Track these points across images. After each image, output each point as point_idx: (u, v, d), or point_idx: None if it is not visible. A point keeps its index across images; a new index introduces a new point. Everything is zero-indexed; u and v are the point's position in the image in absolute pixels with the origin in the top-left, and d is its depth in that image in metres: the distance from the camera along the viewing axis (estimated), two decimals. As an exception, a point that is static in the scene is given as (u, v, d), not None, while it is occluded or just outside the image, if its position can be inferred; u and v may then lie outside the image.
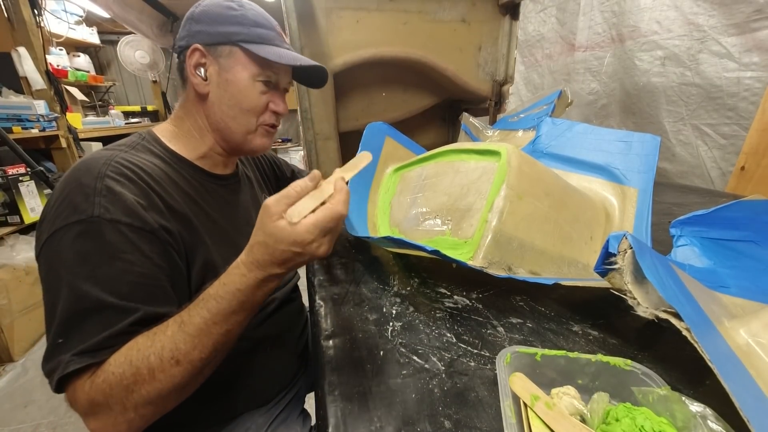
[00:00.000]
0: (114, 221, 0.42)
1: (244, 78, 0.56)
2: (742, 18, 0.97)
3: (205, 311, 0.40)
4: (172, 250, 0.48)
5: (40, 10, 2.11)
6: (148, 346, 0.39)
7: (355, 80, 1.64)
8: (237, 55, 0.56)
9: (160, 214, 0.47)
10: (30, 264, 1.78)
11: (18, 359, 1.70)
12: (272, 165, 0.87)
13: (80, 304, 0.40)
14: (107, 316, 0.40)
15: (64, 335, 0.40)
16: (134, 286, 0.42)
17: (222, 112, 0.57)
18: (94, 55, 3.91)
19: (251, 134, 0.60)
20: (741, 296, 0.49)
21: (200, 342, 0.40)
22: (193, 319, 0.40)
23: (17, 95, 2.03)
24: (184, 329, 0.40)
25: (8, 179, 1.77)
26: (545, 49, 1.65)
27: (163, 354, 0.39)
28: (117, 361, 0.39)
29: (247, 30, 0.55)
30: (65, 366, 0.38)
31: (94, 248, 0.41)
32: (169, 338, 0.40)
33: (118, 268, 0.41)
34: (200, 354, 0.40)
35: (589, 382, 0.36)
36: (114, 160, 0.47)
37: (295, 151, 4.76)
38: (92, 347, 0.39)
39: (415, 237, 0.66)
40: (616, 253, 0.43)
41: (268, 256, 0.39)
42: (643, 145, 0.71)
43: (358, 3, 1.50)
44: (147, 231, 0.44)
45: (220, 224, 0.58)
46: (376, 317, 0.51)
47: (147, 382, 0.38)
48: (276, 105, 0.60)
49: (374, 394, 0.38)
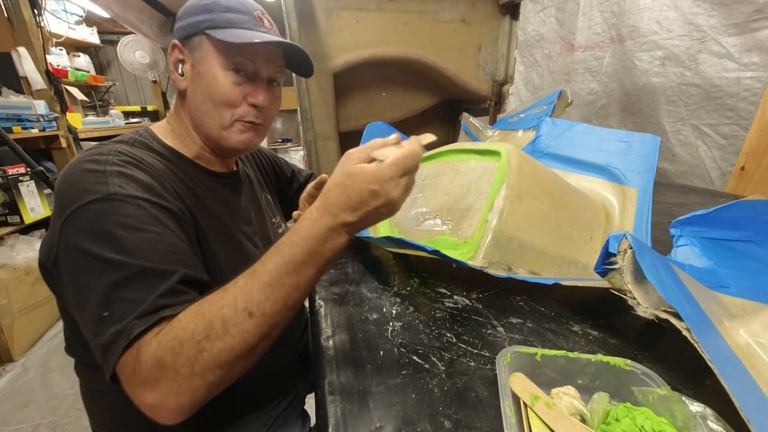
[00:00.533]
0: (132, 196, 0.41)
1: (214, 68, 0.52)
2: (741, 18, 0.97)
3: (278, 257, 0.39)
4: (191, 230, 0.47)
5: (40, 10, 2.11)
6: (220, 298, 0.37)
7: (355, 80, 1.63)
8: (205, 45, 0.52)
9: (172, 197, 0.47)
10: (30, 264, 1.78)
11: (18, 359, 1.70)
12: (272, 164, 0.86)
13: (117, 273, 0.38)
14: (148, 279, 0.39)
15: (108, 307, 0.37)
16: (166, 253, 0.41)
17: (197, 107, 0.54)
18: (94, 55, 3.91)
19: (226, 130, 0.55)
20: (741, 296, 0.49)
21: (273, 293, 0.38)
22: (266, 266, 0.39)
23: (17, 95, 2.03)
24: (257, 277, 0.38)
25: (8, 179, 1.77)
26: (545, 49, 1.65)
27: (237, 304, 0.37)
28: (187, 316, 0.37)
29: (215, 16, 0.51)
30: (128, 331, 0.35)
31: (118, 222, 0.39)
32: (242, 288, 0.38)
33: (146, 238, 0.40)
34: (272, 306, 0.38)
35: (589, 382, 0.36)
36: (117, 150, 0.46)
37: (295, 151, 4.77)
38: (149, 309, 0.37)
39: (415, 237, 0.66)
40: (616, 253, 0.43)
41: (345, 197, 0.38)
42: (643, 145, 0.71)
43: (358, 3, 1.50)
44: (164, 207, 0.44)
45: (222, 221, 0.57)
46: (376, 317, 0.51)
47: (219, 337, 0.36)
48: (253, 97, 0.54)
49: (374, 394, 0.38)
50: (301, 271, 0.39)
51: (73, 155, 2.32)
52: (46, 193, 1.97)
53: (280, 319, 0.39)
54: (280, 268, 0.38)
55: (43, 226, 1.98)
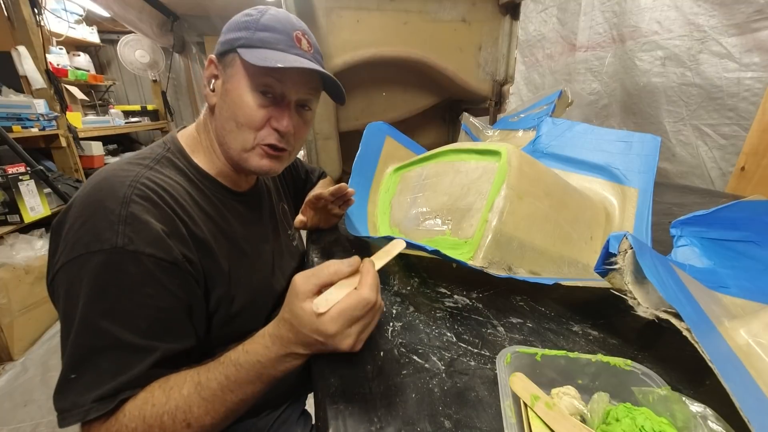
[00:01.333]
0: (136, 252, 0.41)
1: (241, 87, 0.50)
2: (742, 18, 0.97)
3: (223, 377, 0.39)
4: (193, 281, 0.47)
5: (40, 9, 2.11)
6: (162, 404, 0.39)
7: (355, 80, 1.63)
8: (236, 63, 0.50)
9: (183, 243, 0.46)
10: (30, 263, 1.78)
11: (18, 358, 1.70)
12: (289, 167, 0.86)
13: (96, 340, 0.39)
14: (124, 355, 0.40)
15: (78, 371, 0.39)
16: (153, 321, 0.42)
17: (221, 125, 0.53)
18: (94, 55, 3.91)
19: (246, 152, 0.53)
20: (741, 296, 0.49)
21: (213, 408, 0.39)
22: (210, 383, 0.40)
23: (17, 94, 2.02)
24: (200, 392, 0.39)
25: (8, 178, 1.77)
26: (546, 49, 1.65)
27: (176, 415, 0.38)
28: (131, 414, 0.39)
29: (250, 34, 0.50)
30: (86, 413, 0.38)
31: (115, 281, 0.40)
32: (185, 399, 0.39)
33: (138, 303, 0.41)
34: (212, 420, 0.39)
35: (589, 382, 0.36)
36: (140, 182, 0.45)
37: (295, 150, 4.76)
38: (111, 392, 0.38)
39: (416, 237, 0.66)
40: (616, 253, 0.43)
41: (293, 335, 0.37)
42: (643, 146, 0.70)
43: (359, 3, 1.50)
44: (169, 262, 0.43)
45: (239, 245, 0.56)
46: (376, 317, 0.51)
47: None
48: (277, 121, 0.52)
49: (374, 394, 0.38)
50: (247, 388, 0.40)
51: (72, 154, 2.32)
52: (46, 192, 1.97)
53: (221, 426, 0.41)
54: (224, 387, 0.39)
55: (43, 225, 1.98)
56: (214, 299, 0.50)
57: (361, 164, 0.83)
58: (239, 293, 0.53)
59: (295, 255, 0.74)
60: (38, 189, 1.91)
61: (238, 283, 0.54)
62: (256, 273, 0.59)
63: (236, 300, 0.53)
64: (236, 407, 0.40)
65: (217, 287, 0.50)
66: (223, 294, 0.51)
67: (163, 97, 4.10)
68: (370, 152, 0.86)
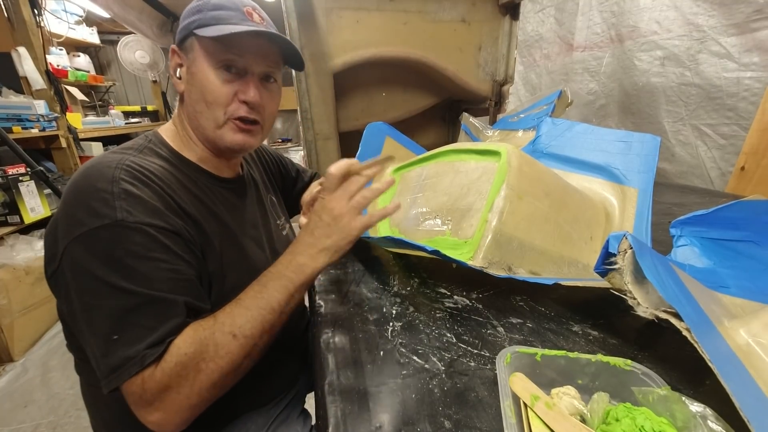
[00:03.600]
0: (138, 223, 0.42)
1: (204, 68, 0.52)
2: (741, 18, 0.97)
3: (256, 284, 0.46)
4: (195, 249, 0.49)
5: (40, 9, 2.11)
6: (211, 324, 0.43)
7: (355, 80, 1.63)
8: (195, 46, 0.52)
9: (177, 215, 0.47)
10: (30, 264, 1.78)
11: (18, 359, 1.70)
12: (278, 164, 0.87)
13: (128, 300, 0.40)
14: (157, 307, 0.41)
15: (119, 331, 0.40)
16: (172, 281, 0.43)
17: (192, 108, 0.55)
18: (94, 55, 3.91)
19: (220, 129, 0.55)
20: (741, 296, 0.49)
21: (251, 315, 0.44)
22: (247, 292, 0.46)
23: (17, 95, 2.03)
24: (240, 302, 0.45)
25: (8, 179, 1.77)
26: (543, 50, 1.65)
27: (224, 328, 0.42)
28: (186, 342, 0.41)
29: (203, 15, 0.51)
30: (141, 360, 0.39)
31: (125, 251, 0.41)
32: (228, 313, 0.44)
33: (152, 266, 0.42)
34: (251, 329, 0.43)
35: (589, 382, 0.36)
36: (125, 164, 0.46)
37: (295, 151, 4.76)
38: (158, 339, 0.40)
39: (415, 237, 0.66)
40: (616, 253, 0.43)
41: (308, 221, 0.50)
42: (643, 146, 0.70)
43: (358, 3, 1.50)
44: (170, 231, 0.45)
45: (229, 227, 0.57)
46: (376, 317, 0.51)
47: (212, 359, 0.41)
48: (244, 93, 0.53)
49: (374, 394, 0.38)
50: (271, 293, 0.45)
51: (73, 155, 2.32)
52: (46, 193, 1.97)
53: (259, 339, 0.44)
54: (255, 293, 0.45)
55: (43, 226, 1.98)
56: (208, 273, 0.52)
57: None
58: (230, 272, 0.54)
59: (286, 243, 0.75)
60: (38, 190, 1.91)
61: (230, 262, 0.55)
62: (245, 255, 0.59)
63: (228, 278, 0.54)
64: (269, 316, 0.45)
65: (210, 262, 0.52)
66: (216, 270, 0.52)
67: (163, 98, 4.10)
68: (370, 152, 0.86)
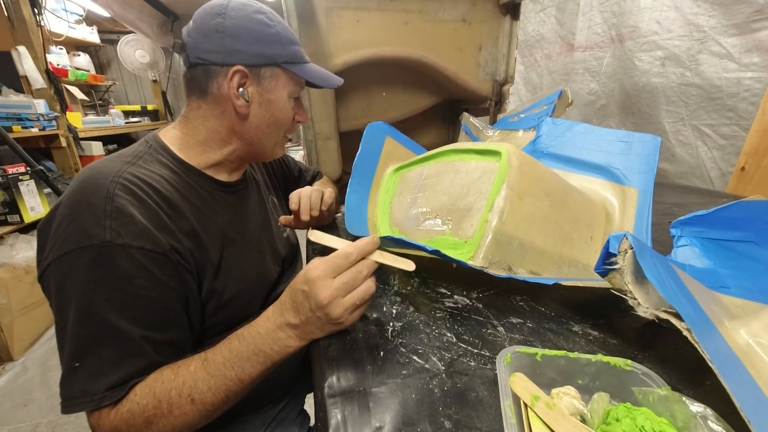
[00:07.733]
0: (125, 246, 0.41)
1: (284, 97, 0.58)
2: (742, 18, 0.97)
3: (227, 350, 0.42)
4: (184, 271, 0.48)
5: (40, 9, 2.11)
6: (171, 380, 0.41)
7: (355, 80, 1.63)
8: (279, 76, 0.56)
9: (170, 234, 0.46)
10: (30, 263, 1.78)
11: (18, 358, 1.70)
12: (280, 163, 0.87)
13: (95, 329, 0.40)
14: (124, 344, 0.41)
15: (80, 359, 0.40)
16: (148, 311, 0.43)
17: (259, 129, 0.58)
18: (94, 55, 3.91)
19: (277, 145, 0.63)
20: (741, 296, 0.49)
21: (215, 384, 0.41)
22: (215, 357, 0.42)
23: (17, 94, 2.02)
24: (206, 367, 0.42)
25: (8, 178, 1.77)
26: (544, 50, 1.65)
27: (183, 390, 0.41)
28: (142, 392, 0.41)
29: (285, 51, 0.56)
30: (99, 401, 0.40)
31: (107, 274, 0.41)
32: (191, 374, 0.42)
33: (131, 293, 0.42)
34: (213, 397, 0.41)
35: (589, 382, 0.36)
36: (122, 177, 0.45)
37: (295, 150, 4.76)
38: (122, 380, 0.40)
39: (416, 237, 0.66)
40: (616, 253, 0.43)
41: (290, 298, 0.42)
42: (643, 146, 0.70)
43: (359, 3, 1.50)
44: (158, 253, 0.44)
45: (228, 234, 0.57)
46: (376, 317, 0.51)
47: (165, 416, 0.40)
48: (300, 116, 0.63)
49: (374, 394, 0.38)
50: (245, 367, 0.42)
51: (73, 154, 2.32)
52: (46, 192, 1.96)
53: (220, 407, 0.43)
54: (227, 361, 0.42)
55: (43, 225, 1.98)
56: (205, 289, 0.51)
57: (361, 164, 0.83)
58: (230, 282, 0.54)
59: (287, 245, 0.75)
60: (38, 189, 1.91)
61: (229, 272, 0.55)
62: (247, 261, 0.60)
63: (227, 289, 0.54)
64: (235, 387, 0.42)
65: (207, 278, 0.52)
66: (214, 284, 0.52)
67: (163, 97, 4.09)
68: (370, 152, 0.85)
